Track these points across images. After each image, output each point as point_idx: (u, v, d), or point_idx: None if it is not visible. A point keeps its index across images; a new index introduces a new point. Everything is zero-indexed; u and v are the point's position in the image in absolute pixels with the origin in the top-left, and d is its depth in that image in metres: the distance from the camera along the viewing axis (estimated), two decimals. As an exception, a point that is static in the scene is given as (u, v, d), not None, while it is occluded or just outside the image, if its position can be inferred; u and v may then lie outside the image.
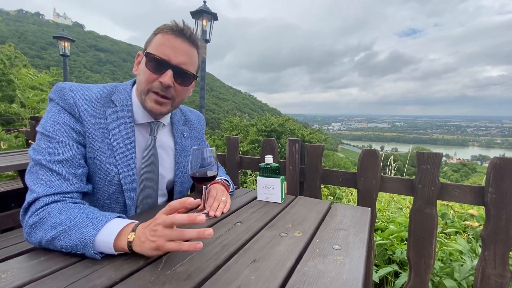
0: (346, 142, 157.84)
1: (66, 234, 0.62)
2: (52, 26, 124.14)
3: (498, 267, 1.15)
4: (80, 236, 0.61)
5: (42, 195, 0.69)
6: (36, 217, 0.66)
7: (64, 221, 0.64)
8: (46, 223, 0.65)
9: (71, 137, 0.77)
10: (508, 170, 1.12)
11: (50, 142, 0.74)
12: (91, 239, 0.60)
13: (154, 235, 0.59)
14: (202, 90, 4.77)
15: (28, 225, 0.67)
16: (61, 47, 7.19)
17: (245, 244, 0.71)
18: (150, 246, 0.59)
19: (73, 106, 0.78)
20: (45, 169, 0.72)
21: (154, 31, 0.86)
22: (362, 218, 0.91)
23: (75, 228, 0.63)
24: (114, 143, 0.82)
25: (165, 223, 0.58)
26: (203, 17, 4.68)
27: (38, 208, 0.67)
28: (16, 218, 1.87)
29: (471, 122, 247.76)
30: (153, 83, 0.83)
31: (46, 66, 62.51)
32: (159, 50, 0.81)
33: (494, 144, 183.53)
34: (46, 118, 0.77)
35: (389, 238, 1.79)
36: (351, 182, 1.49)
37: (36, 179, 0.71)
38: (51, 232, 0.63)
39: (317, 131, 17.58)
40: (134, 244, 0.61)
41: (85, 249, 0.60)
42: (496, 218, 1.15)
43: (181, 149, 1.00)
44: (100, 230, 0.62)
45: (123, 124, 0.85)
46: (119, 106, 0.86)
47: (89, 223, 0.63)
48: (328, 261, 0.63)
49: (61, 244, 0.62)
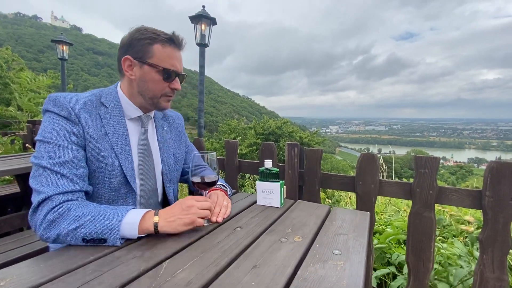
0: (343, 145, 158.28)
1: (91, 223, 0.70)
2: (49, 29, 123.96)
3: (496, 270, 1.16)
4: (106, 222, 0.71)
5: (53, 194, 0.74)
6: (55, 213, 0.72)
7: (86, 213, 0.72)
8: (67, 217, 0.72)
9: (70, 140, 0.82)
10: (505, 174, 1.14)
11: (50, 147, 0.79)
12: (118, 223, 0.71)
13: (188, 213, 0.76)
14: (201, 94, 4.78)
15: (46, 221, 0.72)
16: (59, 51, 7.18)
17: (245, 249, 0.71)
18: (182, 222, 0.75)
19: (70, 110, 0.83)
20: (48, 171, 0.77)
21: (142, 37, 0.90)
22: (361, 223, 0.91)
23: (100, 217, 0.71)
24: (112, 140, 0.90)
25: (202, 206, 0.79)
26: (202, 21, 4.70)
27: (54, 206, 0.73)
28: (13, 223, 1.85)
29: (467, 125, 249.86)
30: (165, 90, 0.96)
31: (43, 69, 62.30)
32: (168, 62, 0.93)
33: (490, 147, 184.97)
34: (43, 128, 0.82)
35: (387, 242, 1.79)
36: (350, 186, 1.49)
37: (41, 181, 0.76)
38: (74, 223, 0.70)
39: (315, 133, 17.63)
40: (161, 225, 0.74)
41: (111, 233, 0.70)
42: (493, 221, 1.16)
43: (162, 140, 1.08)
44: (124, 216, 0.73)
45: (116, 123, 0.93)
46: (109, 107, 0.93)
47: (112, 212, 0.73)
48: (329, 266, 0.63)
49: (85, 232, 0.70)
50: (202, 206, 0.79)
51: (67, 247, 0.70)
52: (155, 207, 1.02)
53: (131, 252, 0.67)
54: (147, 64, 0.91)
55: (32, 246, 1.46)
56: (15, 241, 1.50)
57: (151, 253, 0.67)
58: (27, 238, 1.55)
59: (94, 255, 0.66)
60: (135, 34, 0.92)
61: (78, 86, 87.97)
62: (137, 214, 0.74)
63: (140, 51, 0.91)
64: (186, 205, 0.78)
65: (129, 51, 0.92)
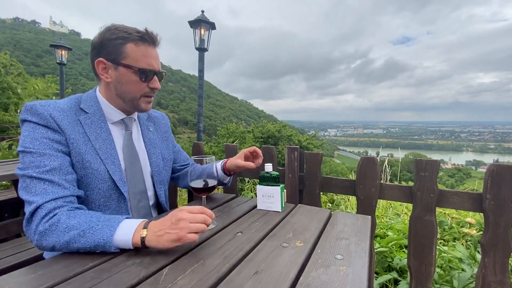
0: (342, 148, 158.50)
1: (81, 238, 0.67)
2: (48, 34, 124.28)
3: (498, 274, 1.15)
4: (98, 237, 0.67)
5: (42, 203, 0.72)
6: (46, 224, 0.70)
7: (76, 225, 0.69)
8: (57, 229, 0.69)
9: (53, 148, 0.79)
10: (505, 177, 1.14)
11: (34, 156, 0.76)
12: (110, 238, 0.67)
13: (176, 228, 0.67)
14: (200, 98, 4.79)
15: (37, 232, 0.70)
16: (58, 56, 7.17)
17: (246, 255, 0.70)
18: (170, 238, 0.67)
19: (49, 118, 0.80)
20: (36, 180, 0.74)
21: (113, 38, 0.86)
22: (363, 227, 0.90)
23: (90, 231, 0.68)
24: (96, 145, 0.87)
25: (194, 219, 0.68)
26: (201, 26, 4.73)
27: (43, 215, 0.71)
28: (9, 229, 1.83)
29: (465, 128, 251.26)
30: (144, 90, 0.92)
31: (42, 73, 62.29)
32: (144, 62, 0.89)
33: (488, 149, 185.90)
34: (23, 138, 0.79)
35: (388, 246, 1.78)
36: (351, 190, 1.49)
37: (30, 191, 0.74)
38: (64, 236, 0.68)
39: (314, 137, 17.66)
40: (148, 239, 0.68)
41: (104, 247, 0.67)
42: (495, 224, 1.16)
43: (149, 141, 1.06)
44: (116, 230, 0.69)
45: (99, 128, 0.90)
46: (90, 113, 0.90)
47: (103, 225, 0.69)
48: (331, 271, 0.62)
49: (77, 246, 0.68)
50: (195, 219, 0.68)
51: (65, 254, 0.69)
52: (146, 210, 1.00)
53: (131, 258, 0.66)
54: (122, 65, 0.87)
55: (30, 253, 1.44)
56: (12, 248, 1.48)
57: (150, 260, 0.66)
58: (24, 245, 1.53)
59: (93, 262, 0.64)
60: (105, 34, 0.87)
61: (76, 90, 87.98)
62: (129, 228, 0.69)
63: (112, 52, 0.87)
64: (176, 218, 0.69)
65: (102, 52, 0.88)
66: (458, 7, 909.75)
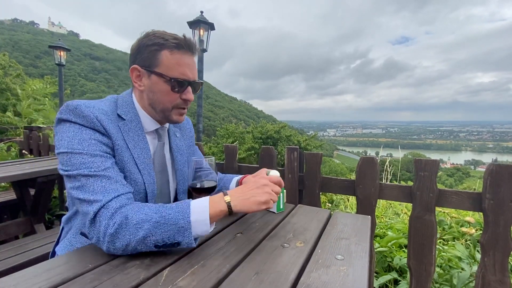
0: (341, 148, 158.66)
1: (157, 228, 0.65)
2: (46, 35, 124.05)
3: (498, 273, 1.15)
4: (173, 226, 0.65)
5: (106, 202, 0.69)
6: (115, 225, 0.66)
7: (146, 219, 0.66)
8: (128, 226, 0.66)
9: (103, 150, 0.76)
10: (504, 176, 1.14)
11: (84, 157, 0.72)
12: (187, 224, 0.66)
13: (263, 191, 0.72)
14: (199, 98, 4.79)
15: (108, 235, 0.66)
16: (57, 57, 7.16)
17: (247, 255, 0.70)
18: (258, 200, 0.71)
19: (96, 121, 0.76)
20: (92, 178, 0.71)
21: (149, 44, 0.83)
22: (363, 227, 0.90)
23: (163, 220, 0.66)
24: (134, 154, 0.84)
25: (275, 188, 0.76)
26: (200, 27, 4.73)
27: (110, 215, 0.67)
28: (8, 230, 1.83)
29: (464, 127, 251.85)
30: (177, 101, 0.87)
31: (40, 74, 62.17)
32: (177, 71, 0.83)
33: (487, 149, 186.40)
34: (67, 139, 0.74)
35: (388, 246, 1.79)
36: (350, 190, 1.49)
37: (89, 190, 0.70)
38: (139, 232, 0.65)
39: (313, 137, 17.67)
40: (234, 204, 0.70)
41: (183, 236, 0.65)
42: (494, 224, 1.16)
43: (176, 148, 1.02)
44: (190, 213, 0.67)
45: (136, 136, 0.86)
46: (127, 119, 0.86)
47: (174, 213, 0.67)
48: (332, 271, 0.62)
49: (155, 239, 0.65)
50: (275, 188, 0.75)
51: (65, 255, 0.69)
52: None
53: (130, 260, 0.66)
54: (154, 73, 0.83)
55: (29, 254, 1.43)
56: (11, 249, 1.48)
57: (150, 261, 0.66)
58: (23, 246, 1.52)
59: (93, 264, 0.64)
60: (143, 40, 0.84)
61: (75, 91, 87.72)
62: (202, 206, 0.69)
63: (147, 59, 0.83)
64: (260, 183, 0.73)
65: (137, 59, 0.85)
66: (457, 7, 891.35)
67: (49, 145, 3.09)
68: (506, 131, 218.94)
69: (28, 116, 5.19)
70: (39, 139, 3.19)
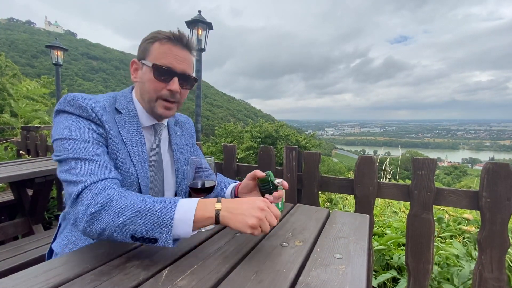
0: (339, 147, 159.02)
1: (138, 218, 0.63)
2: (43, 35, 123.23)
3: (495, 270, 1.16)
4: (156, 219, 0.62)
5: (91, 183, 0.68)
6: (97, 205, 0.65)
7: (130, 205, 0.64)
8: (110, 209, 0.64)
9: (96, 138, 0.78)
10: (501, 175, 1.15)
11: (76, 143, 0.74)
12: (170, 221, 0.62)
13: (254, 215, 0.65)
14: (197, 98, 4.78)
15: (88, 214, 0.65)
16: (54, 56, 7.12)
17: (246, 255, 0.70)
18: (246, 222, 0.64)
19: (91, 112, 0.79)
20: (81, 161, 0.71)
21: (147, 39, 0.88)
22: (361, 225, 0.91)
23: (147, 212, 0.63)
24: (128, 146, 0.85)
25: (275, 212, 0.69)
26: (198, 26, 4.73)
27: (93, 195, 0.66)
28: (7, 231, 1.82)
29: (461, 126, 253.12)
30: (162, 91, 0.87)
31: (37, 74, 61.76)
32: (163, 59, 0.85)
33: (484, 147, 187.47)
34: (62, 127, 0.76)
35: (387, 244, 1.80)
36: (349, 189, 1.49)
37: (76, 172, 0.70)
38: (119, 218, 0.63)
39: (311, 136, 17.70)
40: (222, 214, 0.65)
41: (162, 232, 0.62)
42: (491, 222, 1.17)
43: (176, 146, 1.03)
44: (175, 210, 0.63)
45: (132, 129, 0.88)
46: (124, 113, 0.88)
47: (160, 206, 0.64)
48: (331, 270, 0.63)
49: (134, 229, 0.63)
50: (270, 217, 0.68)
51: (64, 256, 0.69)
52: None
53: (130, 260, 0.66)
54: (145, 64, 0.86)
55: (27, 255, 1.43)
56: (10, 250, 1.47)
57: (150, 261, 0.66)
58: (22, 247, 1.52)
59: (92, 264, 0.64)
60: (144, 37, 0.89)
61: (72, 91, 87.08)
62: (189, 206, 0.65)
63: (142, 52, 0.87)
64: (257, 205, 0.67)
65: (138, 54, 0.89)
66: (455, 6, 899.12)
67: (47, 145, 3.08)
68: (503, 129, 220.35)
69: (24, 115, 5.16)
70: (37, 139, 3.18)
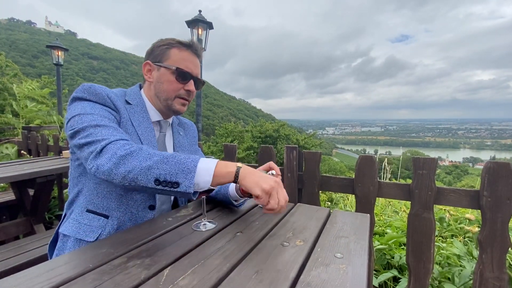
0: (340, 147, 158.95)
1: (164, 164, 0.69)
2: (44, 34, 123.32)
3: (496, 270, 1.16)
4: (180, 165, 0.69)
5: (115, 139, 0.74)
6: (126, 150, 0.71)
7: (158, 153, 0.71)
8: (140, 155, 0.71)
9: (111, 118, 0.85)
10: (502, 174, 1.15)
11: (94, 116, 0.80)
12: (193, 167, 0.69)
13: (272, 185, 0.71)
14: (198, 98, 4.78)
15: (117, 156, 0.70)
16: (55, 56, 7.12)
17: (247, 254, 0.70)
18: (265, 186, 0.70)
19: (106, 98, 0.87)
20: (100, 128, 0.77)
21: (162, 44, 0.98)
22: (361, 225, 0.91)
23: (173, 159, 0.70)
24: (138, 131, 0.93)
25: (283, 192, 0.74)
26: (198, 26, 4.73)
27: (123, 144, 0.73)
28: (8, 231, 1.82)
29: (462, 125, 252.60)
30: (180, 91, 0.99)
31: (38, 74, 61.83)
32: (183, 64, 0.97)
33: (485, 146, 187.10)
34: (80, 107, 0.82)
35: (388, 243, 1.80)
36: (349, 188, 1.49)
37: (96, 135, 0.75)
38: (147, 161, 0.69)
39: (312, 136, 17.69)
40: (243, 172, 0.72)
41: (186, 177, 0.68)
42: (492, 221, 1.17)
43: (178, 143, 1.11)
44: (198, 161, 0.70)
45: (141, 117, 0.97)
46: (133, 104, 0.97)
47: (185, 157, 0.71)
48: (331, 270, 0.63)
49: (158, 173, 0.68)
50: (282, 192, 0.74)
51: (66, 255, 0.69)
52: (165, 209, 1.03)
53: (131, 260, 0.66)
54: (163, 66, 0.96)
55: (29, 255, 1.43)
56: (12, 250, 1.48)
57: (151, 261, 0.66)
58: (24, 247, 1.52)
59: (94, 264, 0.65)
60: (156, 42, 1.00)
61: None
62: (211, 161, 0.73)
63: (158, 56, 0.97)
64: (273, 179, 0.73)
65: (150, 57, 0.99)
66: (456, 5, 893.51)
67: (48, 145, 3.09)
68: (504, 129, 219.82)
69: (26, 115, 5.17)
70: (38, 139, 3.18)
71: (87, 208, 0.89)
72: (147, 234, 0.80)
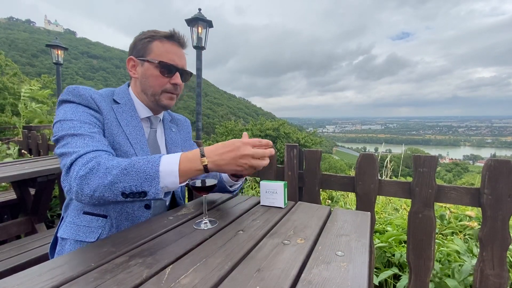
0: (340, 145, 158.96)
1: (125, 176, 0.68)
2: (43, 34, 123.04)
3: (496, 267, 1.16)
4: (142, 174, 0.67)
5: (84, 153, 0.73)
6: (86, 168, 0.69)
7: (116, 165, 0.69)
8: (98, 171, 0.69)
9: (93, 121, 0.84)
10: (502, 172, 1.15)
11: (74, 123, 0.80)
12: (156, 173, 0.68)
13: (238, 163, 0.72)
14: (198, 96, 4.78)
15: (78, 177, 0.69)
16: (54, 56, 7.12)
17: (248, 253, 0.70)
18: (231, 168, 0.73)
19: (90, 99, 0.86)
20: (77, 137, 0.77)
21: (143, 38, 0.95)
22: (362, 223, 0.91)
23: (132, 169, 0.68)
24: (126, 131, 0.92)
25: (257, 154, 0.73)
26: (198, 24, 4.71)
27: (85, 162, 0.72)
28: (9, 230, 1.83)
29: (462, 123, 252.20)
30: (166, 85, 0.96)
31: (37, 73, 61.74)
32: (166, 57, 0.94)
33: (485, 144, 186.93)
34: (63, 112, 0.82)
35: (388, 241, 1.80)
36: (350, 187, 1.50)
37: (71, 146, 0.75)
38: (107, 177, 0.68)
39: (312, 134, 17.69)
40: (212, 168, 0.72)
41: (151, 185, 0.67)
42: (492, 219, 1.17)
43: (171, 140, 1.09)
44: (159, 163, 0.69)
45: (129, 116, 0.95)
46: (121, 103, 0.95)
47: (144, 161, 0.70)
48: (332, 268, 0.63)
49: (123, 186, 0.67)
50: (257, 154, 0.74)
51: (68, 254, 0.69)
52: (162, 208, 1.02)
53: (133, 258, 0.67)
54: (147, 61, 0.93)
55: (30, 254, 1.44)
56: (13, 249, 1.49)
57: (153, 259, 0.66)
58: (25, 246, 1.53)
59: (95, 263, 0.65)
60: (138, 36, 0.97)
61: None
62: (173, 159, 0.71)
63: (141, 50, 0.95)
64: (240, 153, 0.72)
65: (133, 52, 0.96)
66: (458, 3, 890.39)
67: (48, 144, 3.09)
68: (505, 126, 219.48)
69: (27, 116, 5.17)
70: (38, 138, 3.19)
71: (84, 210, 0.89)
72: (148, 233, 0.80)
